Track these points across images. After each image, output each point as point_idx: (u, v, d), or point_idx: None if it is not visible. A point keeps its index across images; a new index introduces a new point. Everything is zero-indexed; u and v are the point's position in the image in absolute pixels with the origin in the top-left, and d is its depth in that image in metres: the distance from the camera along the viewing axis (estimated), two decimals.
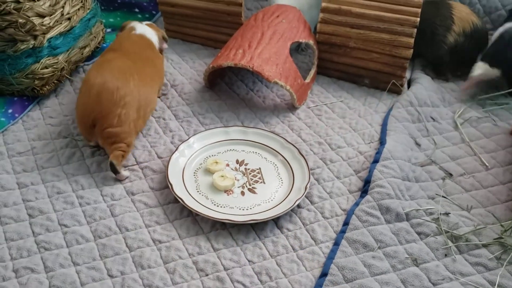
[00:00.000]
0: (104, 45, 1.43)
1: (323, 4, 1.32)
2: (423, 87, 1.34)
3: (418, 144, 1.19)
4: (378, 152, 1.12)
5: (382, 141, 1.17)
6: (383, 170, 1.06)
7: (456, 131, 1.25)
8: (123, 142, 1.04)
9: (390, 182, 1.03)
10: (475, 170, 1.14)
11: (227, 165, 1.10)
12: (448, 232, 0.97)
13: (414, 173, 1.10)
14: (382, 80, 1.35)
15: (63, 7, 1.19)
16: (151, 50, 1.21)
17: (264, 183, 1.06)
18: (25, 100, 1.22)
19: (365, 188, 1.05)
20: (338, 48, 1.35)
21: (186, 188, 1.04)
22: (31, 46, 1.14)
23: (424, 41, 1.37)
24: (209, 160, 1.10)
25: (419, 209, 1.00)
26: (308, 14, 1.44)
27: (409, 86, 1.38)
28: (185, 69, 1.41)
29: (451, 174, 1.12)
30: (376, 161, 1.10)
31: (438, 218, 0.99)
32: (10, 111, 1.18)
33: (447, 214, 1.00)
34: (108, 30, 1.52)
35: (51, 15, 1.16)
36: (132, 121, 1.05)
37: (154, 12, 1.64)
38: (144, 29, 1.24)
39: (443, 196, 1.06)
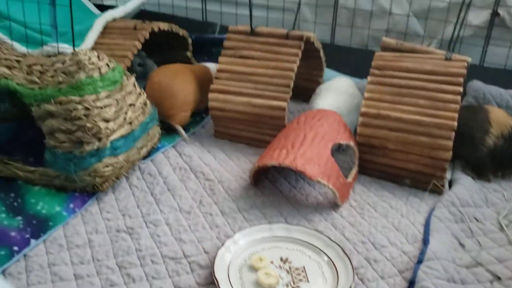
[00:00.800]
0: (159, 145, 1.54)
1: (363, 109, 1.40)
2: (465, 187, 1.37)
3: (462, 245, 1.19)
4: (422, 253, 1.13)
5: (425, 241, 1.18)
6: (427, 271, 1.06)
7: (502, 232, 1.25)
8: None
9: (435, 284, 1.03)
10: None
11: (271, 262, 1.13)
12: None
13: (460, 275, 1.09)
14: (422, 180, 1.39)
15: (126, 113, 1.32)
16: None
17: (308, 282, 1.08)
18: (85, 196, 1.31)
19: None
20: (377, 150, 1.41)
21: (231, 284, 1.06)
22: (95, 148, 1.24)
23: (463, 144, 1.42)
24: (253, 257, 1.13)
25: None
26: (348, 118, 1.53)
27: (450, 187, 1.41)
28: (231, 167, 1.49)
29: (499, 277, 1.10)
30: (420, 261, 1.10)
31: None
32: (71, 206, 1.27)
33: None
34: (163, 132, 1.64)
35: (115, 120, 1.28)
36: None
37: (204, 116, 1.77)
38: None
39: None
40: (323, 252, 1.14)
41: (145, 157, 1.48)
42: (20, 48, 1.68)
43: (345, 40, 2.07)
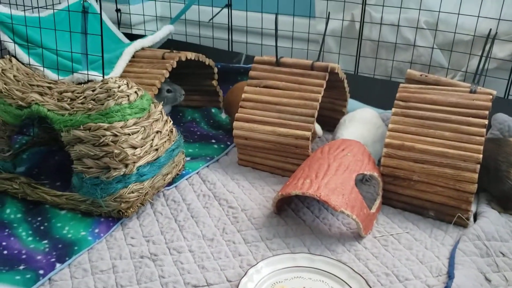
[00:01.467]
0: (184, 172, 1.56)
1: (387, 140, 1.40)
2: (490, 221, 1.34)
3: (488, 280, 1.17)
4: (447, 287, 1.11)
5: (450, 275, 1.16)
6: None
7: None
8: None
9: None
10: None
11: None
12: None
13: None
14: (447, 213, 1.37)
15: (152, 139, 1.35)
16: None
17: None
18: (110, 221, 1.33)
19: None
20: (402, 181, 1.40)
21: None
22: (122, 173, 1.27)
23: (489, 177, 1.40)
24: (276, 287, 1.12)
25: None
26: (372, 148, 1.53)
27: (475, 220, 1.39)
28: (254, 195, 1.50)
29: None
30: None
31: None
32: (96, 230, 1.29)
33: None
34: (188, 158, 1.67)
35: (142, 146, 1.31)
36: None
37: (228, 143, 1.79)
38: None
39: None
40: (347, 283, 1.13)
41: (169, 184, 1.50)
42: (52, 75, 1.74)
43: (369, 71, 2.09)
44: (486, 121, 1.34)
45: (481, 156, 1.31)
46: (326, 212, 1.42)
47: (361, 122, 1.60)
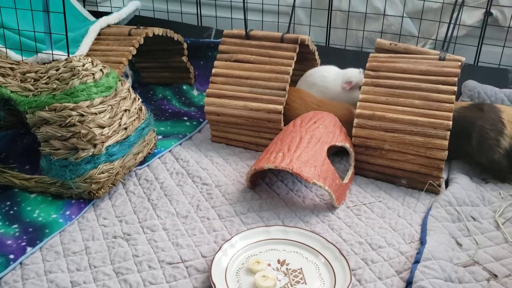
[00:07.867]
0: (156, 150, 1.54)
1: (358, 111, 1.40)
2: (461, 186, 1.36)
3: (459, 244, 1.19)
4: (419, 252, 1.13)
5: (422, 241, 1.18)
6: (424, 271, 1.06)
7: (498, 230, 1.25)
8: None
9: (433, 283, 1.03)
10: None
11: (269, 264, 1.12)
12: None
13: (457, 274, 1.09)
14: (419, 180, 1.39)
15: (120, 118, 1.32)
16: None
17: (305, 284, 1.07)
18: (81, 203, 1.31)
19: None
20: (373, 151, 1.41)
21: None
22: (90, 154, 1.24)
23: (473, 145, 1.39)
24: (251, 260, 1.13)
25: None
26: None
27: (446, 186, 1.40)
28: (228, 171, 1.49)
29: (496, 275, 1.10)
30: (417, 261, 1.10)
31: None
32: (67, 213, 1.27)
33: None
34: (159, 137, 1.64)
35: (110, 126, 1.28)
36: None
37: (201, 120, 1.77)
38: None
39: None
40: (320, 253, 1.14)
41: (141, 163, 1.48)
42: (15, 55, 1.68)
43: (340, 42, 2.08)
44: (455, 88, 1.35)
45: (450, 122, 1.32)
46: (299, 185, 1.42)
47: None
